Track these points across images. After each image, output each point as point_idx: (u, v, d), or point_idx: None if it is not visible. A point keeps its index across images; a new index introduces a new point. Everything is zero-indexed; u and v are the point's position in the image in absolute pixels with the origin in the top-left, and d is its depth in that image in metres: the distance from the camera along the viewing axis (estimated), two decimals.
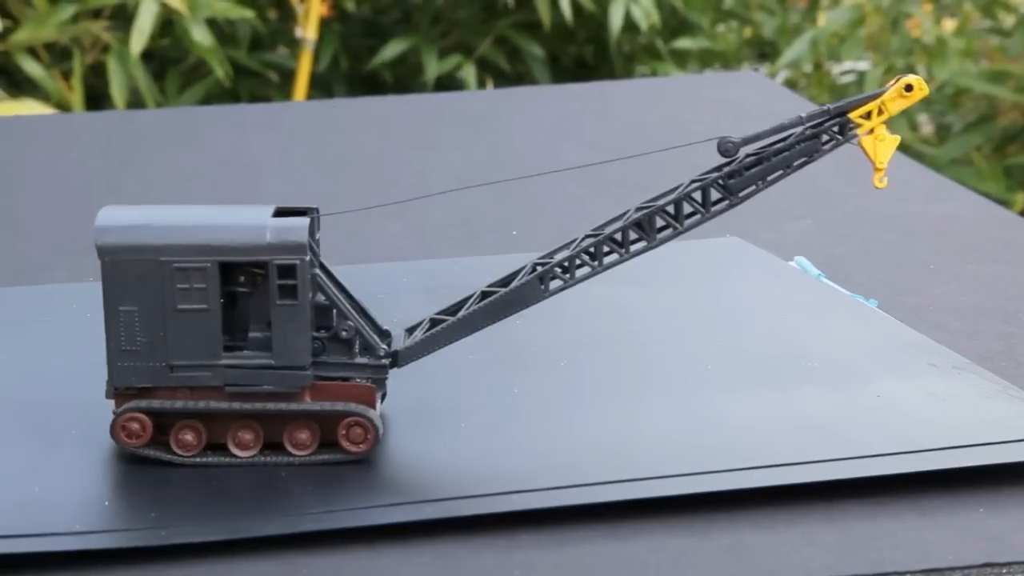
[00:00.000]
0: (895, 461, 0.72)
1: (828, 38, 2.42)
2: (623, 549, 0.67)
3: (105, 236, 0.70)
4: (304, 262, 0.70)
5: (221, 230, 0.70)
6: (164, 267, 0.70)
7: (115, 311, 0.70)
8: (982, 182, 2.19)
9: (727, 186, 0.69)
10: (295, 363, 0.71)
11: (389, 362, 0.72)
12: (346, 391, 0.72)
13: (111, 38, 2.14)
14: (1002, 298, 0.99)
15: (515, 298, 0.71)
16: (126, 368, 0.71)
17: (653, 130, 1.41)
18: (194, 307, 0.70)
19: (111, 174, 1.29)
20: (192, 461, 0.72)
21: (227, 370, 0.71)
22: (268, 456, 0.72)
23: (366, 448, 0.72)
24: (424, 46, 2.32)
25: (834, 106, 0.68)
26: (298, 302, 0.70)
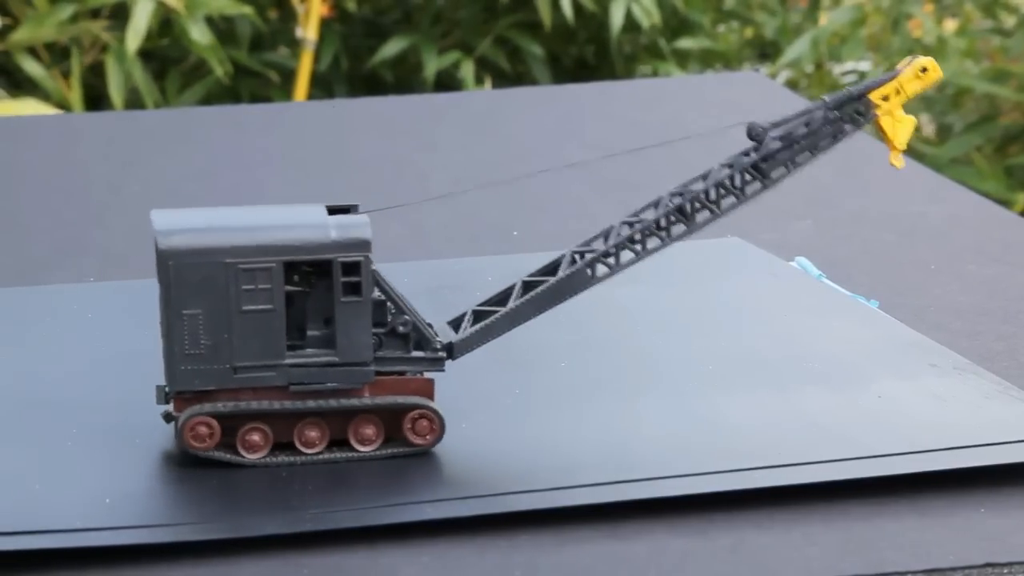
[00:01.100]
0: (896, 462, 0.72)
1: (829, 38, 2.42)
2: (624, 549, 0.67)
3: (169, 240, 0.69)
4: (368, 259, 0.70)
5: (284, 230, 0.70)
6: (229, 269, 0.69)
7: (178, 315, 0.69)
8: (983, 182, 2.19)
9: (760, 169, 0.71)
10: (358, 359, 0.71)
11: (445, 355, 0.73)
12: (405, 385, 0.73)
13: (110, 37, 2.14)
14: (1003, 298, 0.99)
15: (565, 287, 0.72)
16: (189, 371, 0.70)
17: (654, 130, 1.41)
18: (259, 308, 0.70)
19: (112, 175, 1.29)
20: (259, 462, 0.71)
21: (291, 369, 0.71)
22: (335, 453, 0.72)
23: (431, 440, 0.72)
24: (424, 44, 2.32)
25: (855, 89, 0.71)
26: (362, 299, 0.70)
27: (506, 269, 0.92)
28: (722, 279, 0.97)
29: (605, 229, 0.74)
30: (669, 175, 1.13)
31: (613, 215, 1.15)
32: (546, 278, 0.73)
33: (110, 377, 0.83)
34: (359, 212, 0.72)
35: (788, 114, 0.72)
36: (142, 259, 1.08)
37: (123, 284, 0.99)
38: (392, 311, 0.72)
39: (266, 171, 1.31)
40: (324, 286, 0.71)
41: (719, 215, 0.73)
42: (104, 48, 2.17)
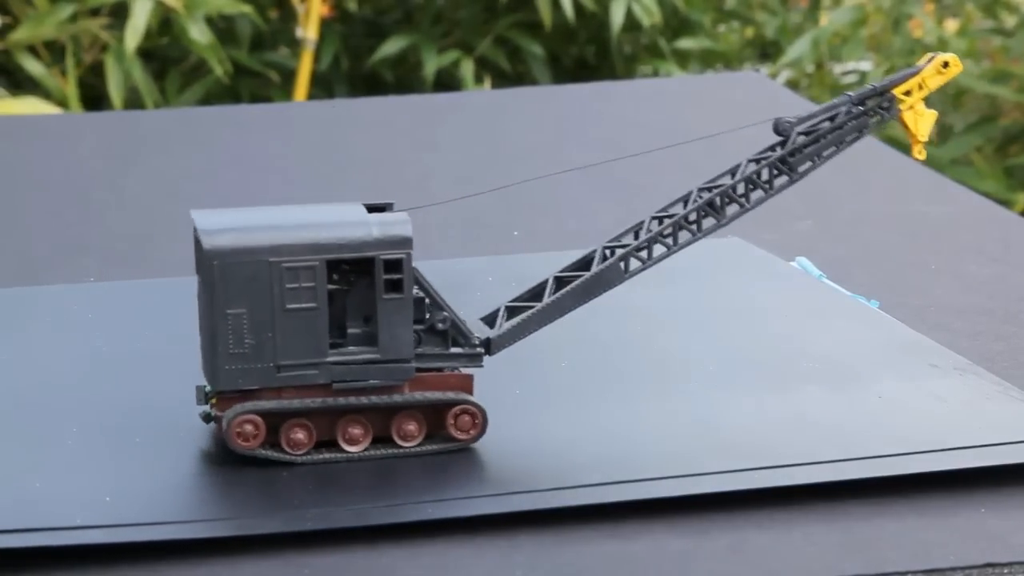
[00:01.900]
0: (896, 462, 0.72)
1: (830, 38, 2.42)
2: (624, 549, 0.67)
3: (214, 239, 0.69)
4: (409, 256, 0.71)
5: (326, 228, 0.70)
6: (273, 268, 0.69)
7: (223, 314, 0.70)
8: (983, 182, 2.19)
9: (788, 163, 0.73)
10: (400, 356, 0.71)
11: (483, 351, 0.73)
12: (444, 381, 0.73)
13: (109, 37, 2.14)
14: (1003, 299, 0.99)
15: (599, 281, 0.73)
16: (233, 371, 0.70)
17: (655, 130, 1.41)
18: (303, 306, 0.70)
19: (112, 175, 1.29)
20: (304, 459, 0.71)
21: (334, 367, 0.71)
22: (378, 449, 0.72)
23: (474, 435, 0.73)
24: (423, 44, 2.32)
25: (879, 84, 0.73)
26: (403, 296, 0.71)
27: (506, 269, 0.92)
28: (723, 279, 0.97)
29: (635, 224, 0.74)
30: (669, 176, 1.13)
31: (613, 215, 1.15)
32: (579, 273, 0.74)
33: (110, 377, 0.83)
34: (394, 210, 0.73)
35: (812, 110, 0.73)
36: (142, 259, 1.09)
37: (123, 284, 0.99)
38: (430, 308, 0.72)
39: (266, 171, 1.31)
40: (364, 284, 0.71)
41: (748, 208, 0.74)
42: (104, 47, 2.17)
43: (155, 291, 0.98)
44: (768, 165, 0.73)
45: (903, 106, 0.73)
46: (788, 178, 0.74)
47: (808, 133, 0.73)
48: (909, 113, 0.73)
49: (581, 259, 0.74)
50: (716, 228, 0.74)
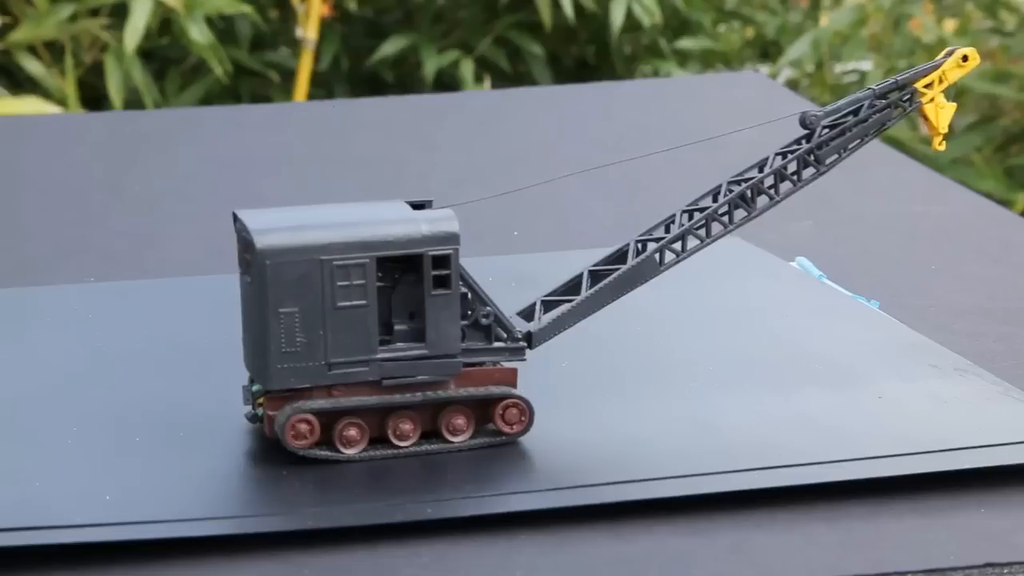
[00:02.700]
0: (896, 463, 0.72)
1: (830, 38, 2.42)
2: (625, 549, 0.67)
3: (266, 239, 0.70)
4: (457, 252, 0.71)
5: (375, 225, 0.71)
6: (324, 266, 0.70)
7: (275, 313, 0.70)
8: (983, 182, 2.19)
9: (816, 156, 0.74)
10: (448, 351, 0.72)
11: (525, 344, 0.74)
12: (490, 375, 0.73)
13: (109, 37, 2.14)
14: (1003, 299, 0.99)
15: (636, 274, 0.74)
16: (285, 370, 0.70)
17: (655, 131, 1.41)
18: (353, 304, 0.70)
19: (112, 175, 1.29)
20: (357, 457, 0.72)
21: (384, 364, 0.71)
22: (428, 444, 0.73)
23: (520, 429, 0.73)
24: (423, 43, 2.32)
25: (901, 77, 0.74)
26: (451, 291, 0.71)
27: (506, 269, 0.92)
28: (723, 280, 0.97)
29: (666, 218, 0.75)
30: (667, 176, 1.13)
31: (612, 215, 1.15)
32: (614, 267, 0.74)
33: (110, 377, 0.83)
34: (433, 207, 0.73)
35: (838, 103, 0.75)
36: (142, 259, 1.09)
37: (124, 284, 0.99)
38: (473, 303, 0.73)
39: (266, 171, 1.31)
40: (409, 280, 0.72)
41: (778, 200, 0.75)
42: (104, 47, 2.17)
43: (155, 291, 0.98)
44: (797, 158, 0.74)
45: (924, 99, 0.74)
46: (815, 170, 0.75)
47: (833, 126, 0.74)
48: (930, 106, 0.74)
49: (614, 253, 0.75)
50: (747, 220, 0.75)
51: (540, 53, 2.37)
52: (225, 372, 0.83)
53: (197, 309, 0.94)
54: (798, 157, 0.74)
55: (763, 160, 0.75)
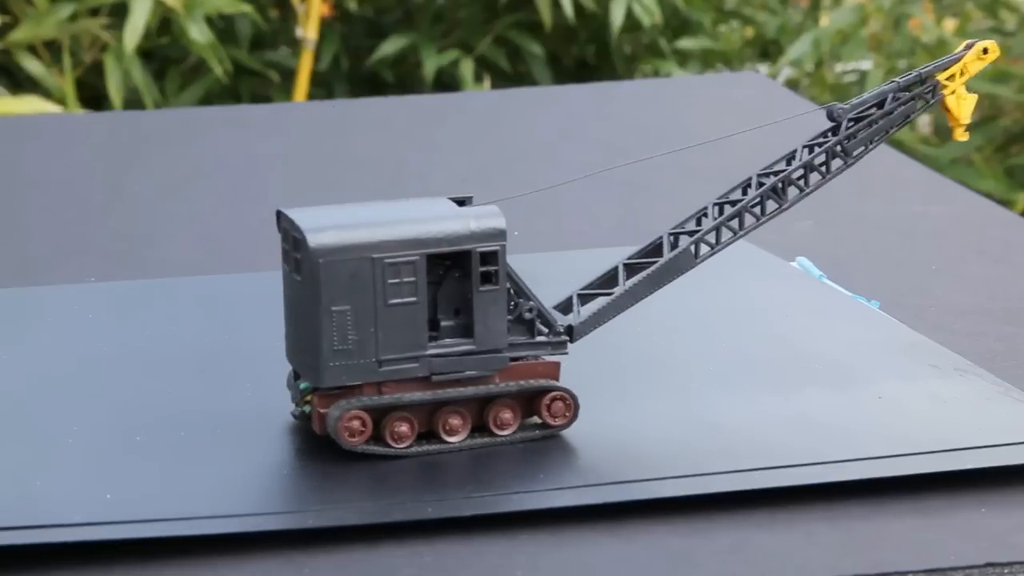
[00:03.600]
0: (897, 463, 0.72)
1: (831, 37, 2.42)
2: (625, 549, 0.67)
3: (319, 237, 0.70)
4: (504, 248, 0.72)
5: (424, 223, 0.71)
6: (376, 264, 0.70)
7: (328, 312, 0.70)
8: (983, 182, 2.19)
9: (844, 148, 0.75)
10: (495, 346, 0.72)
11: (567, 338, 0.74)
12: (533, 369, 0.74)
13: (109, 36, 2.14)
14: (1004, 299, 0.99)
15: (673, 267, 0.75)
16: (337, 367, 0.71)
17: (655, 131, 1.41)
18: (404, 301, 0.71)
19: (112, 175, 1.29)
20: (408, 452, 0.72)
21: (433, 360, 0.72)
22: (477, 439, 0.73)
23: (566, 422, 0.74)
24: (423, 43, 2.32)
25: (924, 70, 0.76)
26: (498, 287, 0.72)
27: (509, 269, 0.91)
28: (723, 280, 0.97)
29: (698, 211, 0.76)
30: (666, 176, 1.13)
31: (613, 216, 1.15)
32: (649, 260, 0.75)
33: (110, 376, 0.83)
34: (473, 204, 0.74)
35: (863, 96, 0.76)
36: (142, 259, 1.08)
37: (124, 284, 0.99)
38: (516, 297, 0.73)
39: (266, 171, 1.31)
40: (455, 276, 0.72)
41: (808, 192, 0.76)
42: (103, 47, 2.17)
43: (155, 291, 0.98)
44: (826, 150, 0.75)
45: (946, 91, 0.76)
46: (843, 162, 0.76)
47: (859, 119, 0.76)
48: (952, 98, 0.76)
49: (647, 246, 0.76)
50: (778, 212, 0.76)
51: (540, 53, 2.37)
52: (225, 372, 0.83)
53: (197, 309, 0.94)
54: (827, 149, 0.75)
55: (790, 153, 0.76)
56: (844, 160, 0.76)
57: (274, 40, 2.40)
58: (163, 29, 2.21)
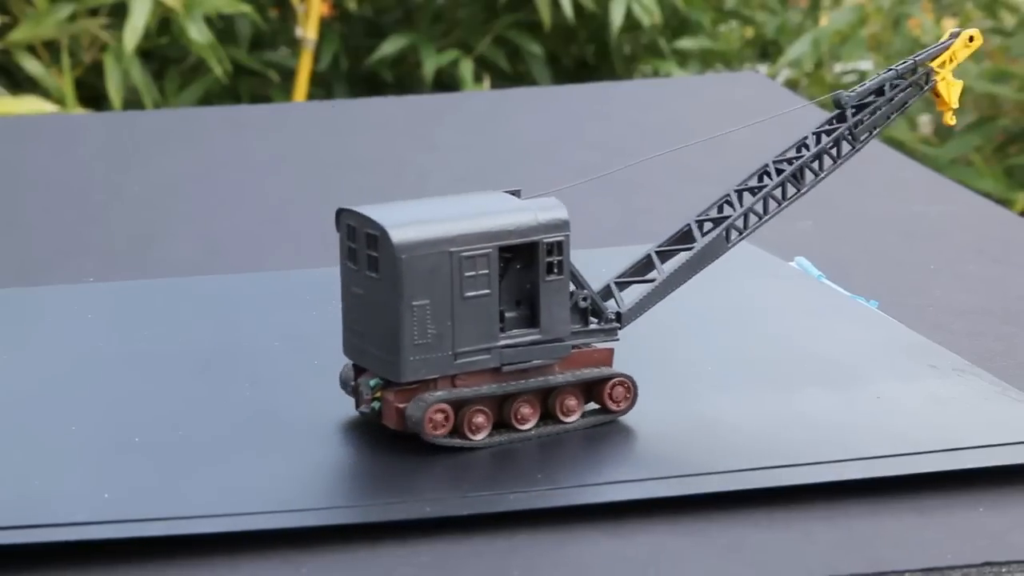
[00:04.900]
0: (894, 463, 0.72)
1: (830, 38, 2.42)
2: (624, 548, 0.67)
3: (400, 233, 0.71)
4: (568, 238, 0.73)
5: (494, 216, 0.73)
6: (453, 257, 0.71)
7: (409, 306, 0.71)
8: (982, 182, 2.19)
9: (853, 134, 0.78)
10: (559, 335, 0.74)
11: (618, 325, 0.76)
12: (589, 356, 0.75)
13: (108, 36, 2.14)
14: (1003, 299, 0.99)
15: (709, 253, 0.77)
16: (417, 361, 0.72)
17: (654, 131, 1.41)
18: (479, 293, 0.72)
19: (111, 175, 1.29)
20: (484, 443, 0.73)
21: (504, 350, 0.73)
22: (546, 426, 0.74)
23: (627, 406, 0.76)
24: (423, 43, 2.32)
25: (918, 58, 0.79)
26: (563, 277, 0.73)
27: None
28: (721, 279, 0.97)
29: (720, 198, 0.78)
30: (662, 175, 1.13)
31: (610, 214, 1.15)
32: (682, 246, 0.77)
33: (109, 377, 0.83)
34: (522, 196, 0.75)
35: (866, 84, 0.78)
36: (142, 259, 1.09)
37: (123, 284, 0.99)
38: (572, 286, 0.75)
39: (265, 171, 1.31)
40: (516, 267, 0.73)
41: (823, 177, 0.78)
42: (103, 47, 2.17)
43: (155, 291, 0.98)
44: (837, 136, 0.78)
45: (937, 77, 0.79)
46: (851, 147, 0.78)
47: (862, 107, 0.78)
48: (942, 84, 0.79)
49: (675, 234, 0.77)
50: (797, 197, 0.78)
51: (539, 53, 2.37)
52: (223, 372, 0.83)
53: (197, 309, 0.94)
54: (839, 135, 0.78)
55: (800, 140, 0.78)
56: (852, 145, 0.78)
57: (273, 40, 2.40)
58: (162, 29, 2.21)
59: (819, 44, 2.37)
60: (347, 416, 0.76)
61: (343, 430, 0.76)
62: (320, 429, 0.76)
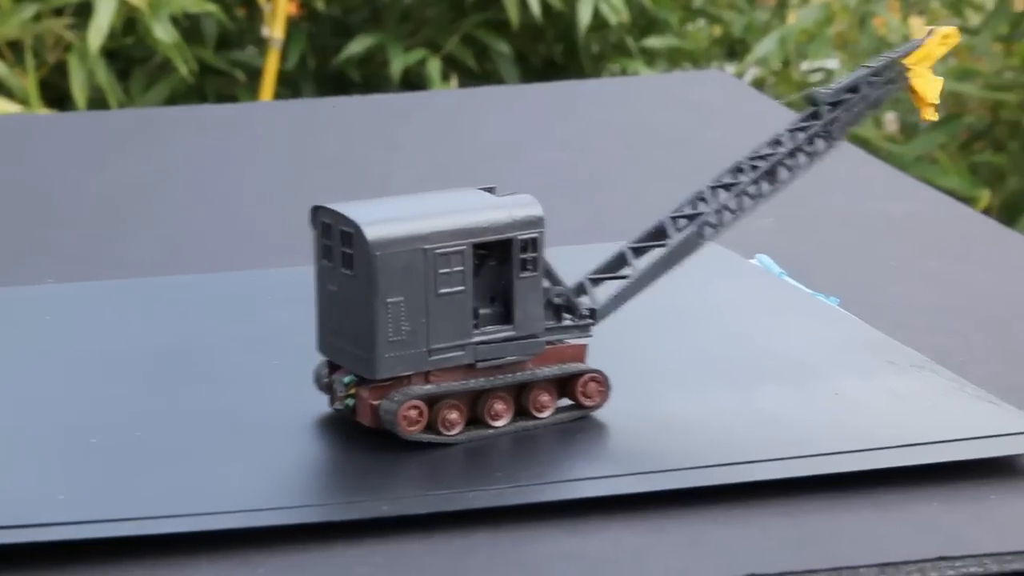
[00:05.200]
0: (851, 459, 0.72)
1: (797, 36, 2.43)
2: (582, 546, 0.67)
3: (374, 231, 0.71)
4: (542, 235, 0.73)
5: (468, 213, 0.73)
6: (427, 254, 0.71)
7: (383, 304, 0.71)
8: (947, 179, 2.20)
9: (828, 131, 0.78)
10: (533, 331, 0.74)
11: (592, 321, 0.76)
12: (562, 352, 0.75)
13: (73, 36, 2.13)
14: (962, 296, 0.99)
15: (684, 248, 0.77)
16: (392, 359, 0.72)
17: (621, 130, 1.42)
18: (453, 290, 0.72)
19: (74, 175, 1.29)
20: (457, 439, 0.73)
21: (478, 347, 0.73)
22: (519, 422, 0.74)
23: (599, 401, 0.76)
24: (390, 42, 2.32)
25: (893, 55, 0.79)
26: (537, 273, 0.74)
27: None
28: (684, 277, 0.97)
29: (694, 194, 0.78)
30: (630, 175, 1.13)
31: (578, 215, 1.15)
32: (657, 243, 0.77)
33: (67, 378, 0.82)
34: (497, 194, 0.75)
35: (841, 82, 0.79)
36: (106, 260, 1.08)
37: (84, 285, 0.99)
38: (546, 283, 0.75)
39: (232, 171, 1.31)
40: (490, 264, 0.73)
41: (798, 173, 0.79)
42: (67, 47, 2.16)
43: (116, 292, 0.97)
44: (812, 134, 0.78)
45: (912, 74, 0.79)
46: (827, 144, 0.79)
47: (837, 104, 0.78)
48: (919, 80, 0.79)
49: (648, 231, 0.78)
50: (772, 194, 0.78)
51: (507, 52, 2.37)
52: (183, 372, 0.83)
53: (158, 310, 0.93)
54: (814, 133, 0.78)
55: (774, 137, 0.78)
56: (827, 142, 0.79)
57: (240, 39, 2.40)
58: (128, 29, 2.20)
59: (786, 43, 2.37)
60: (305, 415, 0.76)
61: (301, 430, 0.76)
62: (279, 429, 0.76)
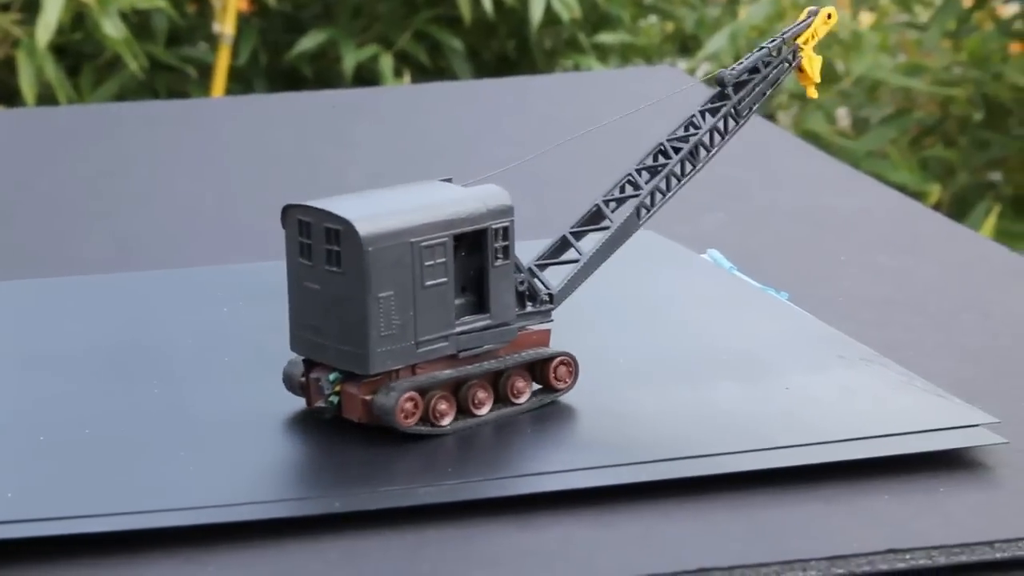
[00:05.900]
0: (801, 452, 0.73)
1: (748, 31, 2.44)
2: (533, 541, 0.67)
3: (365, 226, 0.71)
4: (513, 223, 0.74)
5: (447, 205, 0.73)
6: (414, 248, 0.72)
7: (375, 299, 0.71)
8: (897, 174, 2.22)
9: (737, 110, 0.81)
10: (507, 319, 0.76)
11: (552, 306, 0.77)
12: (528, 338, 0.77)
13: (20, 32, 2.11)
14: (911, 289, 1.00)
15: (624, 232, 0.79)
16: (384, 353, 0.72)
17: (572, 125, 1.42)
18: (437, 282, 0.73)
19: (22, 172, 1.28)
20: (447, 429, 0.74)
21: (460, 337, 0.74)
22: (499, 409, 0.75)
23: (570, 384, 0.78)
24: (342, 38, 2.31)
25: (785, 35, 0.82)
26: (509, 261, 0.75)
27: None
28: (633, 271, 0.98)
29: (622, 177, 0.80)
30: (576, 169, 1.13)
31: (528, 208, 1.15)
32: (594, 227, 0.79)
33: (13, 377, 0.82)
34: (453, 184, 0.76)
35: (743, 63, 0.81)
36: (53, 258, 1.07)
37: (31, 283, 0.98)
38: None
39: (183, 168, 1.30)
40: (462, 255, 0.74)
41: (714, 153, 0.81)
42: (15, 43, 2.14)
43: (64, 289, 0.97)
44: (724, 114, 0.80)
45: (803, 54, 0.82)
46: (736, 123, 0.81)
47: (742, 84, 0.81)
48: (807, 59, 0.82)
49: (585, 215, 0.79)
50: (694, 173, 0.80)
51: (460, 48, 2.37)
52: (132, 370, 0.82)
53: (107, 307, 0.93)
54: (727, 113, 0.81)
55: (688, 119, 0.80)
56: (736, 121, 0.81)
57: (191, 35, 2.38)
58: (76, 24, 2.18)
59: (737, 38, 2.38)
60: (256, 412, 0.76)
61: (255, 427, 0.75)
62: (229, 426, 0.75)
